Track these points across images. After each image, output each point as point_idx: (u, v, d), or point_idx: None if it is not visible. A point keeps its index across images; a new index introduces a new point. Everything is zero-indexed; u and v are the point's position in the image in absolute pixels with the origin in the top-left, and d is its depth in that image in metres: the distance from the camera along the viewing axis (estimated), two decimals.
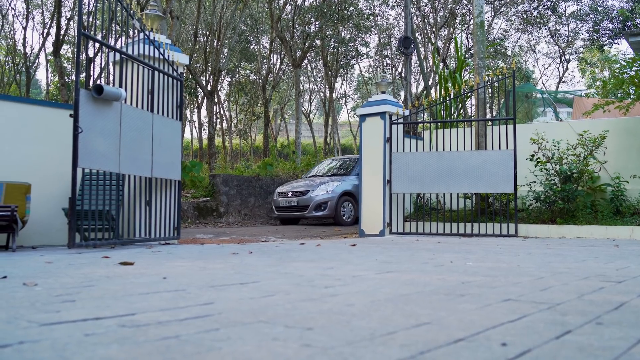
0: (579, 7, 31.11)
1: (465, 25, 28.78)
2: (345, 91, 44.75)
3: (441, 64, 24.82)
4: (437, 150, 9.38)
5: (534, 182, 9.46)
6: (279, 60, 31.73)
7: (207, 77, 26.63)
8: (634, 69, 10.00)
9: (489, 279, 3.12)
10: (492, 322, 1.84)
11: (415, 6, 27.23)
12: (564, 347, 1.50)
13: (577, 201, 9.02)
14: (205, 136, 32.17)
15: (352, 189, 13.28)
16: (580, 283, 2.96)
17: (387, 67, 35.95)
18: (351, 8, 24.96)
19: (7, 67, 32.98)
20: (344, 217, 13.10)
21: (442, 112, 11.87)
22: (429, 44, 29.26)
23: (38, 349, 1.39)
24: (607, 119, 10.85)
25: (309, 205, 12.96)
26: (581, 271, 3.58)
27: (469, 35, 28.19)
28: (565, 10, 31.69)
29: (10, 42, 31.91)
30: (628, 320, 1.92)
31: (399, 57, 32.26)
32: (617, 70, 10.96)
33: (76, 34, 5.74)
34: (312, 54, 30.49)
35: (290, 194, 13.45)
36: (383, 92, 10.08)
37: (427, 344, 1.51)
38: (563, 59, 34.70)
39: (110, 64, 6.80)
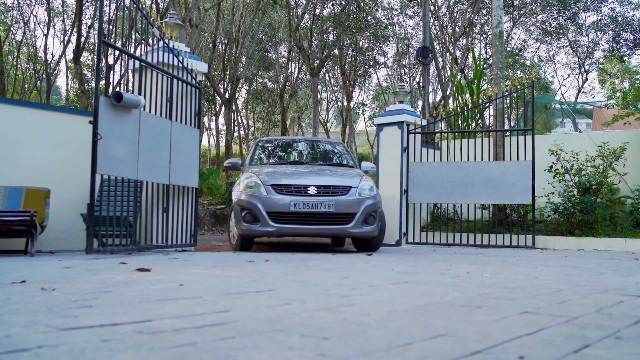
0: (599, 18, 30.85)
1: (484, 36, 28.65)
2: (362, 100, 44.77)
3: (459, 73, 24.74)
4: (454, 160, 9.35)
5: (552, 193, 9.38)
6: (296, 69, 31.80)
7: (225, 85, 26.79)
8: None
9: (506, 290, 3.09)
10: (510, 335, 1.82)
11: (433, 16, 27.20)
12: None
13: (595, 213, 8.93)
14: (222, 144, 32.31)
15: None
16: (599, 296, 2.92)
17: (405, 77, 35.89)
18: (369, 17, 24.98)
19: (28, 73, 33.46)
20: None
21: (459, 122, 11.82)
22: (447, 54, 29.19)
23: (56, 353, 1.40)
24: (627, 131, 10.74)
25: (355, 215, 7.06)
26: (600, 284, 3.53)
27: (487, 45, 28.08)
28: (585, 20, 31.46)
29: (32, 49, 32.39)
30: None
31: (417, 66, 32.19)
32: (637, 82, 10.87)
33: (96, 42, 5.81)
34: (330, 63, 30.54)
35: (312, 190, 7.03)
36: (401, 102, 10.07)
37: (444, 356, 1.49)
38: (582, 69, 34.41)
39: (130, 71, 6.86)
